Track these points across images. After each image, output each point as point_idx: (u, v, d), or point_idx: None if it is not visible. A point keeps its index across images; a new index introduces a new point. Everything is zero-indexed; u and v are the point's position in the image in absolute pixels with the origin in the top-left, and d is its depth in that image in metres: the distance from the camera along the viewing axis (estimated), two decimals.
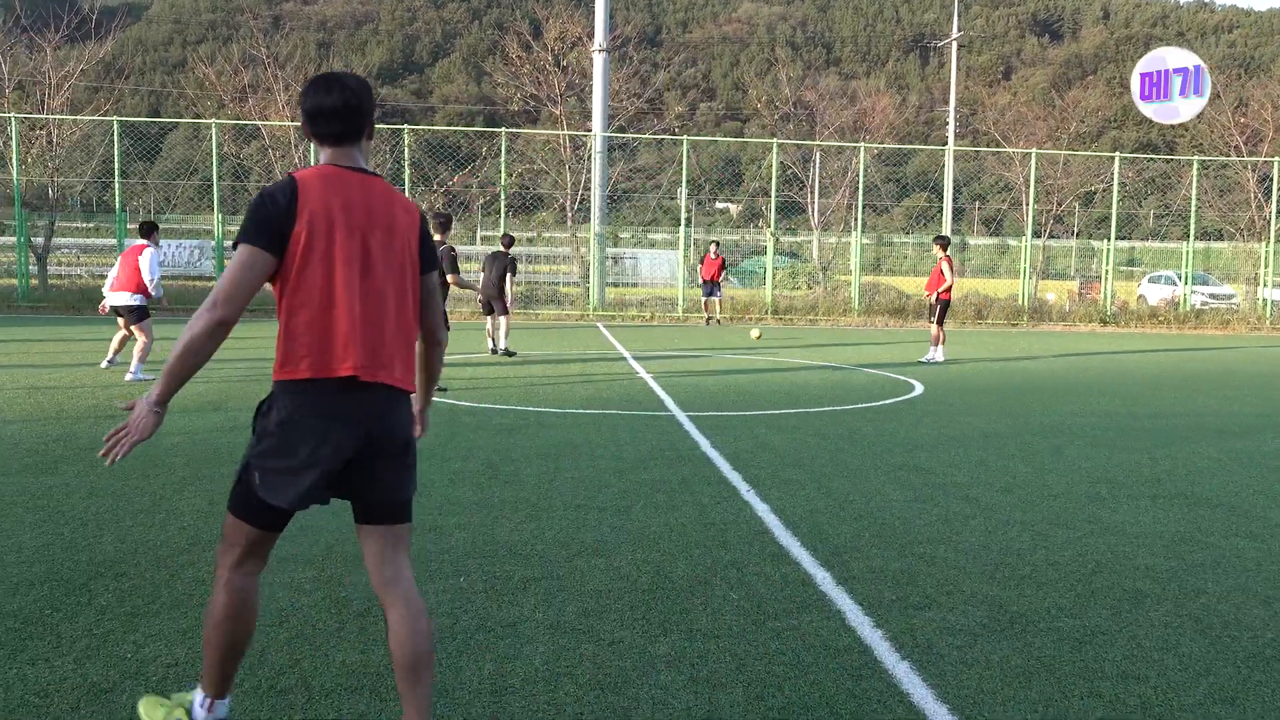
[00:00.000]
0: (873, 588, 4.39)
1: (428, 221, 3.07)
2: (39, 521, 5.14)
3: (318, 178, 2.76)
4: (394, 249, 2.81)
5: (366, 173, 2.84)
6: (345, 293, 2.69)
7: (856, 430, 8.56)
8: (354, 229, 2.73)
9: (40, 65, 25.56)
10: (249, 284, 2.65)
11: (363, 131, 2.84)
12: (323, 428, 2.68)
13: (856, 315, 24.84)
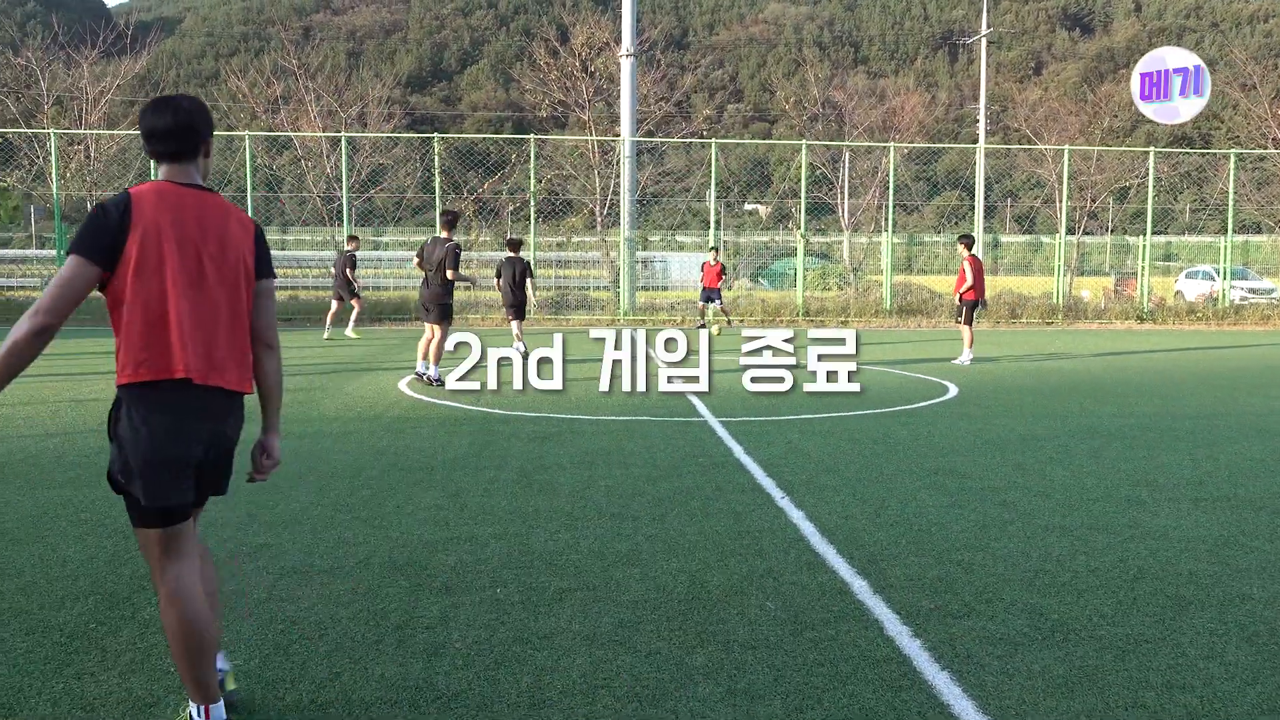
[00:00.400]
0: (910, 596, 4.36)
1: (263, 233, 3.20)
2: (82, 535, 5.22)
3: (152, 193, 2.92)
4: (227, 261, 2.98)
5: (202, 189, 3.03)
6: (177, 302, 2.87)
7: (890, 434, 8.51)
8: (186, 242, 2.90)
9: (78, 81, 26.03)
10: (74, 294, 2.82)
11: (198, 150, 3.02)
12: (176, 424, 2.91)
13: (888, 316, 24.68)
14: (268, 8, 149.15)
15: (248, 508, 5.78)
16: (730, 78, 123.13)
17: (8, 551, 4.91)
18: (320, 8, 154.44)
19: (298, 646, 3.77)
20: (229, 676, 3.26)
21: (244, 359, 3.07)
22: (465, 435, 8.28)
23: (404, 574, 4.61)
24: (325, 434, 8.31)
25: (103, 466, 6.87)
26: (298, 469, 6.88)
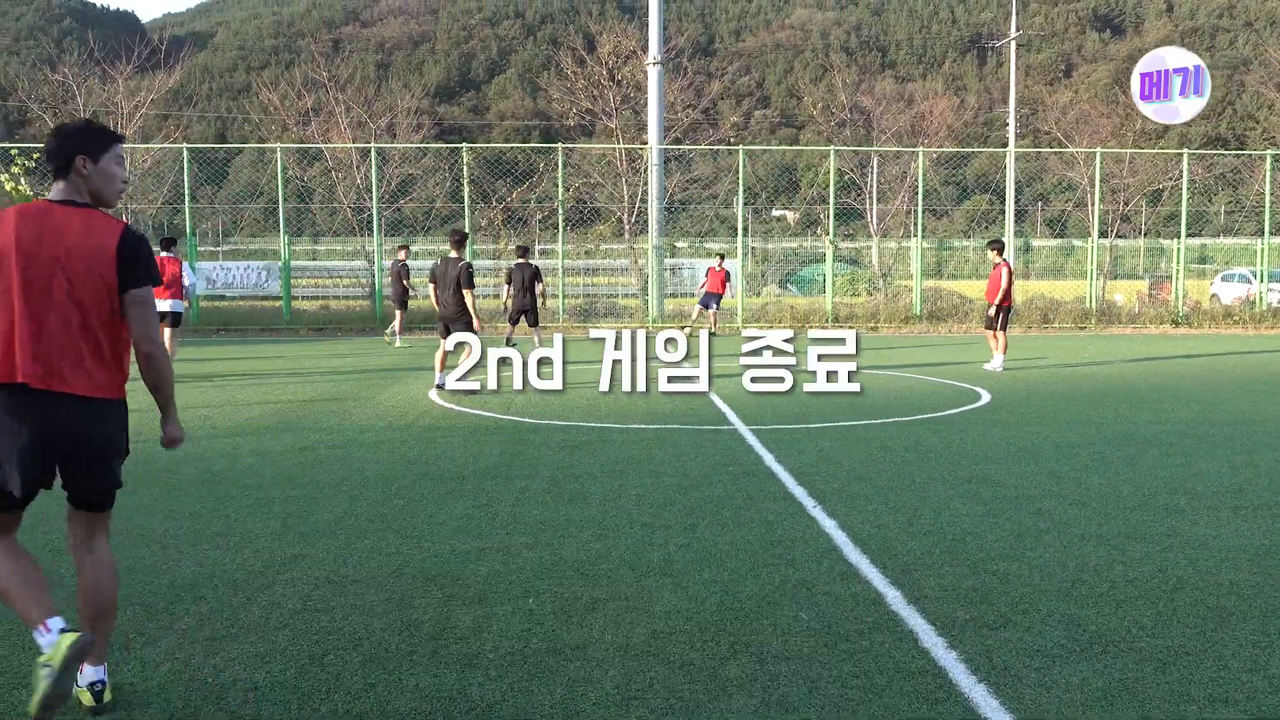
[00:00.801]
0: (945, 606, 4.32)
1: (134, 246, 3.33)
2: (122, 544, 5.27)
3: (17, 213, 3.23)
4: (83, 277, 3.21)
5: (76, 205, 3.29)
6: (22, 311, 3.16)
7: (922, 442, 8.45)
8: (38, 259, 3.18)
9: (113, 96, 26.43)
10: None
11: (68, 169, 3.29)
12: (14, 425, 3.18)
13: (919, 322, 24.52)
14: (298, 21, 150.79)
15: (281, 518, 5.83)
16: (757, 84, 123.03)
17: (48, 563, 4.96)
18: (349, 20, 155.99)
19: (333, 657, 3.79)
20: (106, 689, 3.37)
21: (100, 366, 3.28)
22: (496, 444, 8.30)
23: (437, 584, 4.63)
24: (357, 443, 8.37)
25: (139, 476, 6.95)
26: (331, 478, 6.94)
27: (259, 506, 6.14)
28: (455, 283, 11.53)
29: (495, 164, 29.31)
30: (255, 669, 3.69)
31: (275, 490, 6.59)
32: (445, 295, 11.61)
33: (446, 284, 11.60)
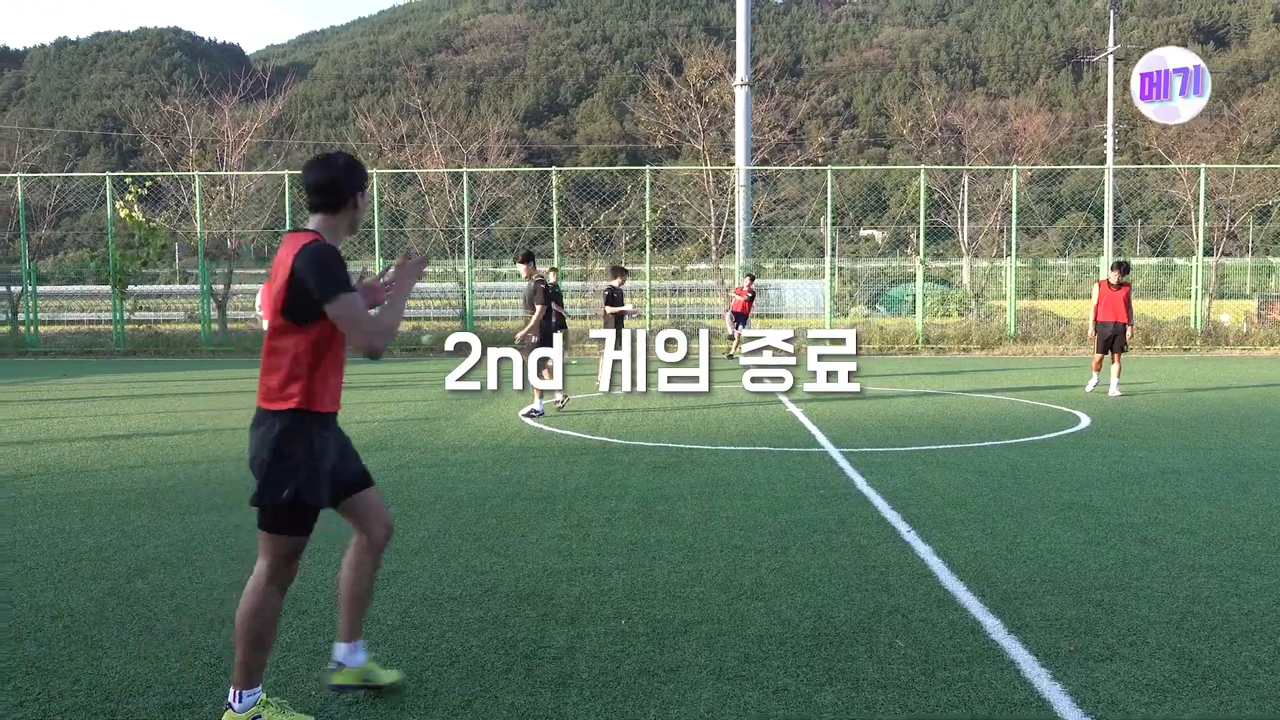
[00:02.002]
0: (1048, 637, 4.20)
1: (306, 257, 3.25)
2: (227, 560, 5.47)
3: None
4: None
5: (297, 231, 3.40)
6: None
7: (1020, 466, 8.24)
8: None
9: (219, 125, 27.54)
10: None
11: (339, 206, 3.41)
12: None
13: (1013, 343, 23.95)
14: (393, 50, 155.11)
15: None
16: (845, 103, 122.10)
17: (161, 575, 5.18)
18: (442, 48, 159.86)
19: (431, 673, 3.86)
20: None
21: (268, 378, 3.37)
22: (585, 465, 8.37)
23: (530, 603, 4.68)
24: (450, 463, 8.52)
25: (244, 493, 7.19)
26: (425, 497, 7.08)
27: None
28: (530, 301, 11.73)
29: (583, 186, 29.64)
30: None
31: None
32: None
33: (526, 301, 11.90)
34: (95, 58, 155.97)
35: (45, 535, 6.01)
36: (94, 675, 3.84)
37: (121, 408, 12.80)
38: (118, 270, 24.86)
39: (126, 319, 25.78)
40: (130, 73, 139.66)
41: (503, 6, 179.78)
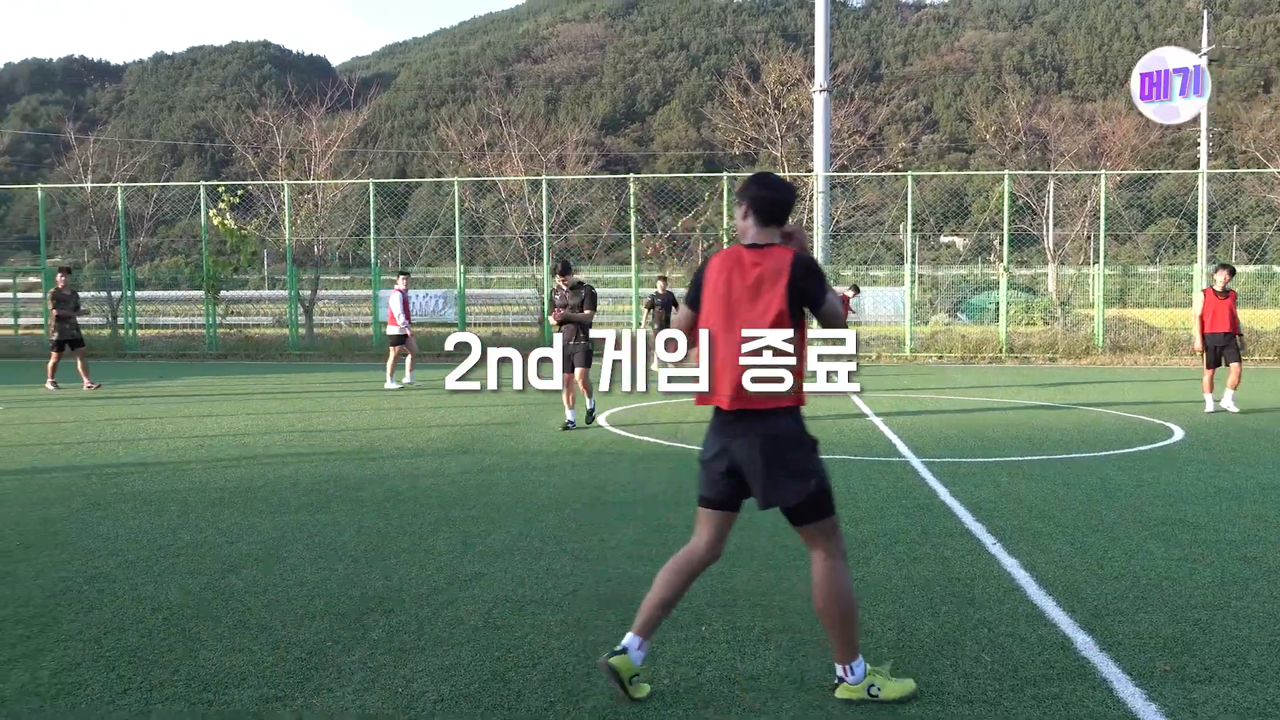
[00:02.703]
0: (1143, 656, 4.08)
1: (806, 266, 3.67)
2: (316, 557, 5.61)
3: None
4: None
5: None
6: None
7: (1110, 479, 8.01)
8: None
9: (307, 135, 28.28)
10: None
11: (783, 219, 3.82)
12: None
13: (1101, 353, 23.30)
14: (474, 60, 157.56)
15: (462, 536, 6.06)
16: (925, 108, 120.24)
17: (254, 571, 5.34)
18: (521, 57, 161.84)
19: (513, 675, 3.91)
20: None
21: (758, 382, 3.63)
22: (665, 470, 8.38)
23: (611, 608, 4.70)
24: (531, 467, 8.61)
25: (330, 493, 7.36)
26: (507, 500, 7.17)
27: (441, 524, 6.40)
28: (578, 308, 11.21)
29: (660, 193, 29.71)
30: (441, 681, 3.84)
31: (455, 510, 6.86)
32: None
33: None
34: (190, 71, 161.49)
35: (145, 530, 6.24)
36: (192, 666, 3.97)
37: (214, 408, 13.22)
38: (210, 276, 25.68)
39: (218, 323, 26.61)
40: (223, 85, 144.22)
41: (581, 16, 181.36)
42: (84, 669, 3.95)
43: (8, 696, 3.69)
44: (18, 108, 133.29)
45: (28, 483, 7.91)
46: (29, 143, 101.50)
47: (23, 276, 34.70)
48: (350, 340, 26.65)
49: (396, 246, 39.67)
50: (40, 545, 5.90)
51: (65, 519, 6.60)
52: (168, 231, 43.75)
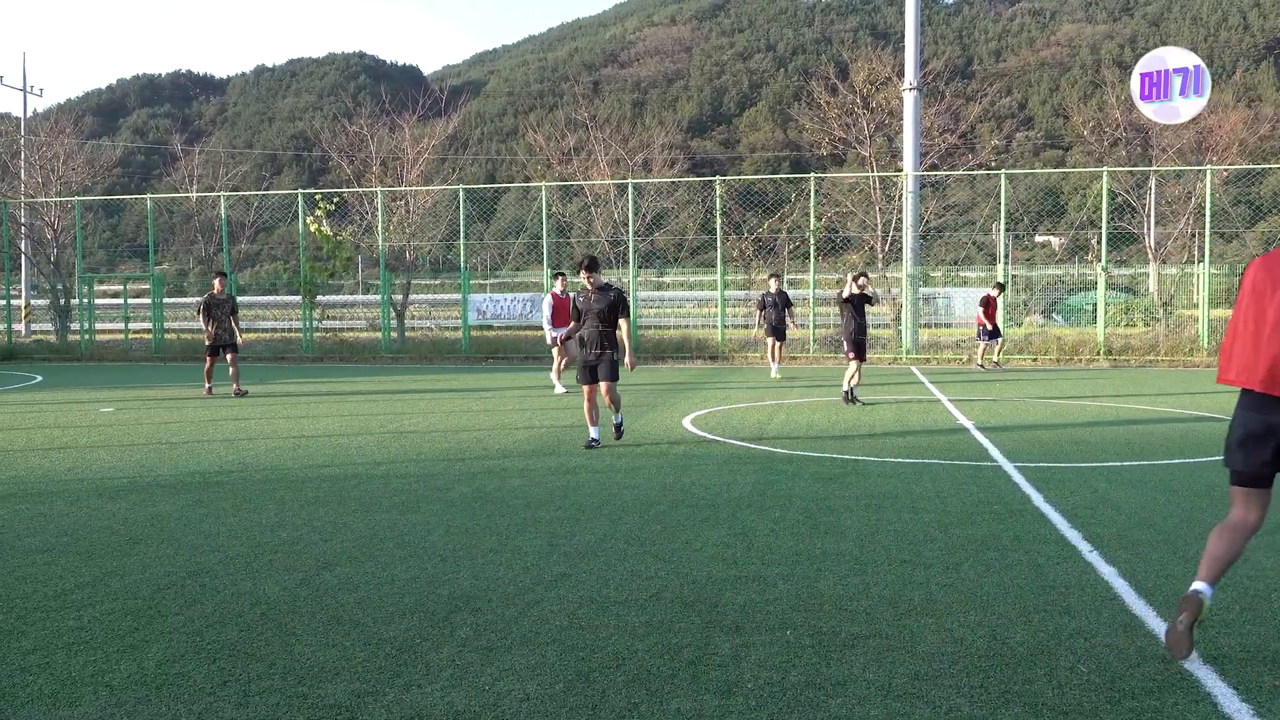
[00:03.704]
0: (1249, 670, 3.91)
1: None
2: (406, 556, 5.73)
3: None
4: None
5: None
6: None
7: (1214, 486, 7.70)
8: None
9: (400, 143, 28.95)
10: None
11: None
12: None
13: (1206, 355, 22.41)
14: (561, 66, 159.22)
15: (548, 537, 6.12)
16: (1019, 105, 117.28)
17: (347, 569, 5.48)
18: (608, 62, 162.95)
19: (598, 675, 3.93)
20: None
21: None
22: (749, 474, 8.34)
23: (695, 610, 4.70)
24: (615, 469, 8.65)
25: (420, 493, 7.51)
26: (591, 501, 7.22)
27: (527, 525, 6.48)
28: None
29: (746, 195, 29.59)
30: (527, 680, 3.88)
31: (541, 510, 6.94)
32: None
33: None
34: (289, 83, 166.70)
35: (244, 527, 6.46)
36: (288, 660, 4.09)
37: (310, 410, 13.62)
38: (307, 281, 26.47)
39: (315, 327, 27.40)
40: (320, 96, 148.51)
41: (667, 19, 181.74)
42: (187, 660, 4.11)
43: (116, 685, 3.86)
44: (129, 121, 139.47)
45: (136, 481, 8.26)
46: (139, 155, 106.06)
47: (133, 284, 36.23)
48: (440, 343, 27.15)
49: (485, 251, 40.31)
50: (147, 541, 6.15)
51: (170, 516, 6.87)
52: (267, 239, 45.21)
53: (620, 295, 9.71)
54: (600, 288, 9.75)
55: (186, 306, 33.70)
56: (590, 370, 9.79)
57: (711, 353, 24.27)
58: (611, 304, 9.65)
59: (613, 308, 9.65)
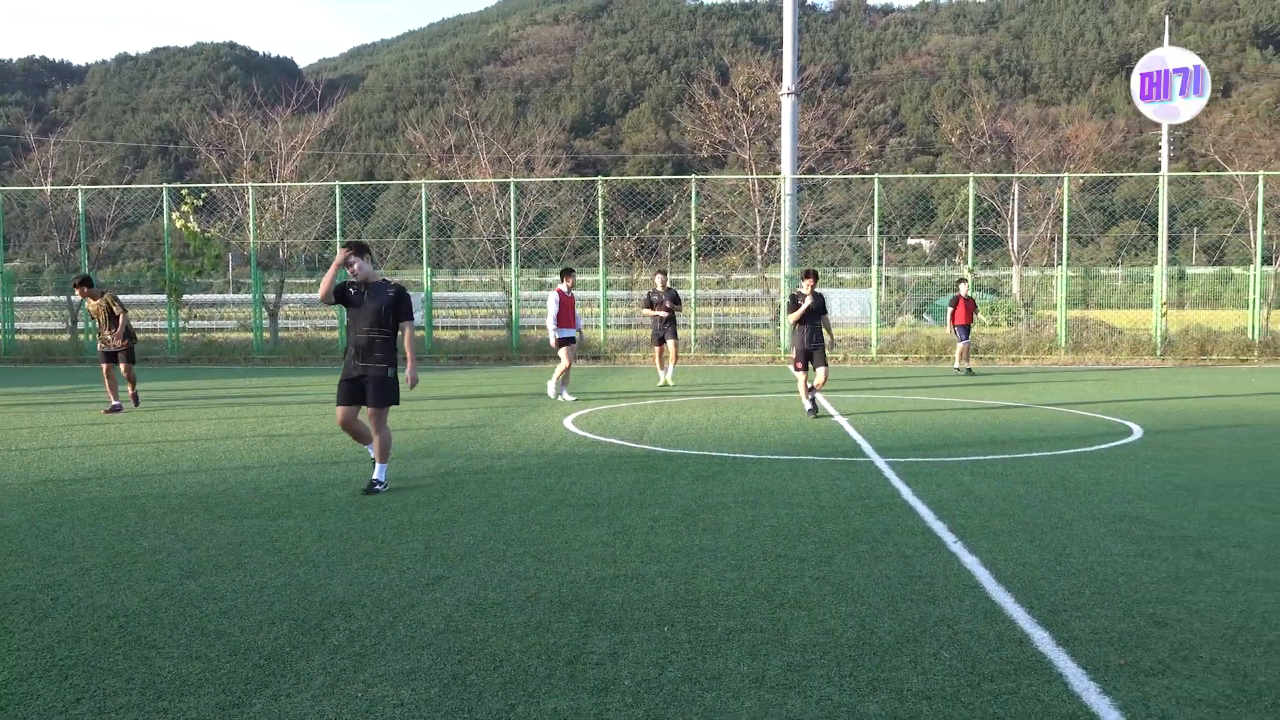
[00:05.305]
0: (1097, 650, 4.13)
1: None
2: (276, 563, 5.56)
3: None
4: None
5: None
6: None
7: (1069, 477, 8.11)
8: None
9: (272, 137, 28.03)
10: None
11: None
12: None
13: (1063, 353, 23.59)
14: (442, 62, 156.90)
15: (425, 540, 6.03)
16: (892, 112, 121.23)
17: (213, 577, 5.28)
18: (490, 60, 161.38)
19: (474, 677, 3.89)
20: None
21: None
22: (629, 473, 8.38)
23: (573, 609, 4.70)
24: (496, 469, 8.58)
25: (292, 498, 7.29)
26: (471, 503, 7.14)
27: (404, 528, 6.36)
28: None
29: (629, 196, 29.69)
30: (401, 685, 3.81)
31: (419, 513, 6.82)
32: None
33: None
34: (154, 72, 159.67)
35: (101, 537, 6.15)
36: (147, 674, 3.92)
37: (175, 414, 13.06)
38: (173, 280, 25.39)
39: (181, 328, 26.30)
40: (187, 87, 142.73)
41: (550, 19, 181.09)
42: (35, 679, 3.89)
43: None
44: None
45: None
46: None
47: None
48: (316, 344, 26.42)
49: None
50: None
51: (20, 526, 6.49)
52: (130, 235, 43.19)
53: (401, 292, 7.72)
54: (374, 282, 7.67)
55: (39, 306, 31.88)
56: (354, 387, 7.66)
57: (594, 353, 24.29)
58: (390, 302, 7.58)
59: (392, 308, 7.60)
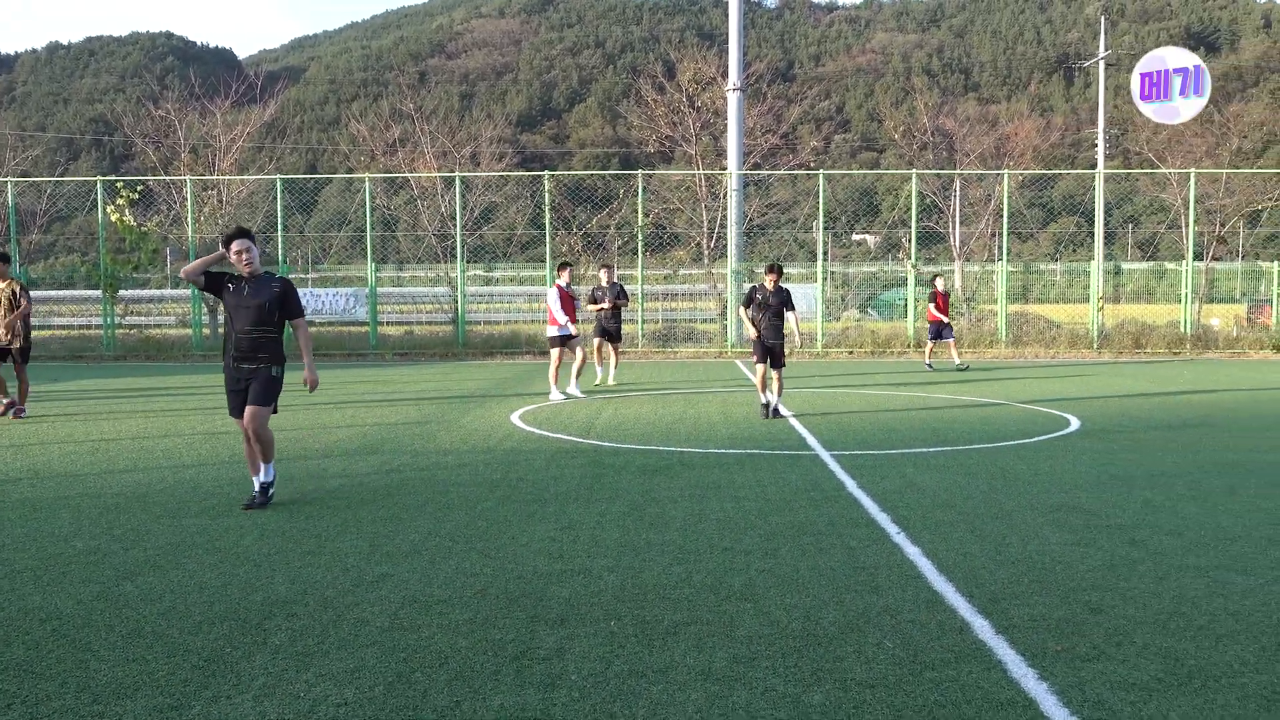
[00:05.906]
0: (1035, 637, 4.22)
1: None
2: (216, 562, 5.46)
3: None
4: None
5: None
6: None
7: (1009, 469, 8.27)
8: None
9: (211, 130, 27.49)
10: None
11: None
12: None
13: (1004, 347, 24.02)
14: (386, 55, 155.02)
15: (369, 538, 5.96)
16: (837, 108, 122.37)
17: (150, 577, 5.17)
18: (435, 53, 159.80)
19: (419, 675, 3.86)
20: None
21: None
22: (576, 467, 8.37)
23: (520, 605, 4.68)
24: (441, 466, 8.52)
25: (233, 496, 7.19)
26: (416, 500, 7.08)
27: (347, 526, 6.29)
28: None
29: (576, 191, 29.65)
30: (345, 685, 3.77)
31: (363, 511, 6.75)
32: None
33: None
34: (87, 62, 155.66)
35: (33, 538, 6.00)
36: (82, 677, 3.83)
37: (111, 410, 12.77)
38: (108, 275, 24.80)
39: (117, 324, 25.71)
40: (122, 77, 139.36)
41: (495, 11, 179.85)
42: None
43: None
44: None
45: None
46: None
47: None
48: None
49: (306, 244, 38.83)
50: None
51: None
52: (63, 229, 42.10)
53: (288, 286, 7.05)
54: (258, 275, 6.99)
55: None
56: (244, 397, 6.97)
57: (541, 348, 24.20)
58: (276, 298, 6.92)
59: (279, 304, 6.94)
